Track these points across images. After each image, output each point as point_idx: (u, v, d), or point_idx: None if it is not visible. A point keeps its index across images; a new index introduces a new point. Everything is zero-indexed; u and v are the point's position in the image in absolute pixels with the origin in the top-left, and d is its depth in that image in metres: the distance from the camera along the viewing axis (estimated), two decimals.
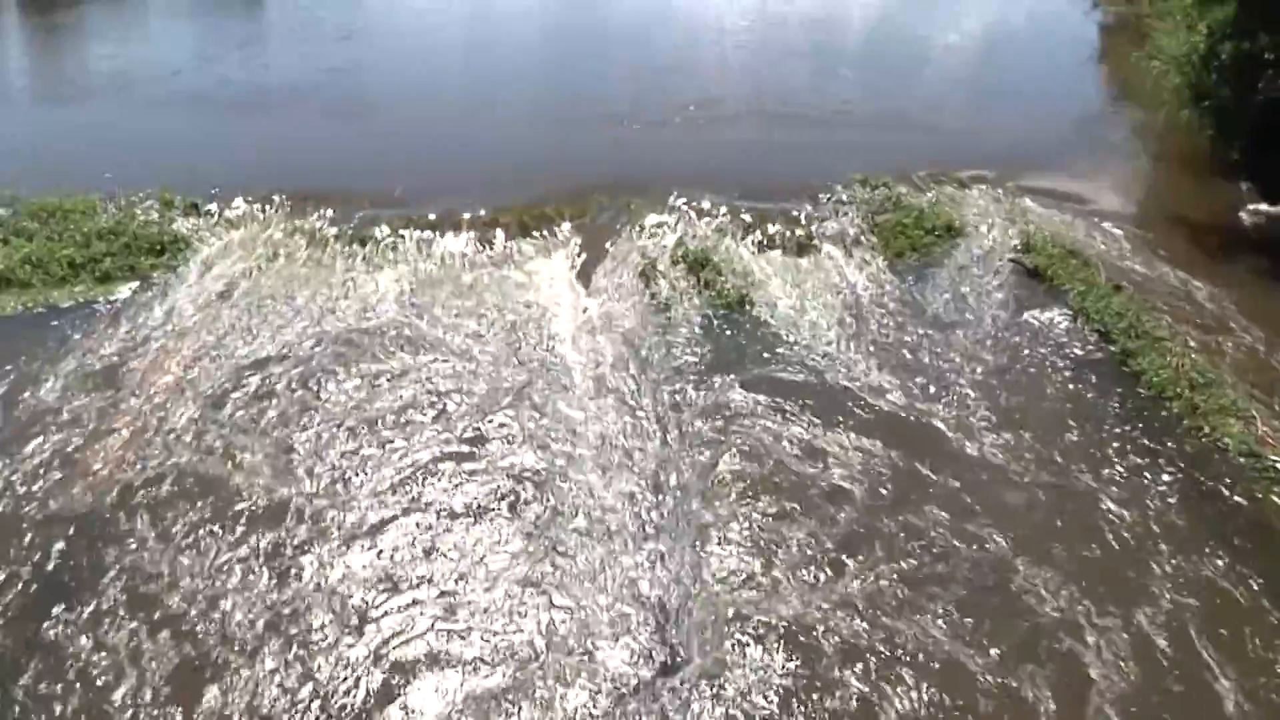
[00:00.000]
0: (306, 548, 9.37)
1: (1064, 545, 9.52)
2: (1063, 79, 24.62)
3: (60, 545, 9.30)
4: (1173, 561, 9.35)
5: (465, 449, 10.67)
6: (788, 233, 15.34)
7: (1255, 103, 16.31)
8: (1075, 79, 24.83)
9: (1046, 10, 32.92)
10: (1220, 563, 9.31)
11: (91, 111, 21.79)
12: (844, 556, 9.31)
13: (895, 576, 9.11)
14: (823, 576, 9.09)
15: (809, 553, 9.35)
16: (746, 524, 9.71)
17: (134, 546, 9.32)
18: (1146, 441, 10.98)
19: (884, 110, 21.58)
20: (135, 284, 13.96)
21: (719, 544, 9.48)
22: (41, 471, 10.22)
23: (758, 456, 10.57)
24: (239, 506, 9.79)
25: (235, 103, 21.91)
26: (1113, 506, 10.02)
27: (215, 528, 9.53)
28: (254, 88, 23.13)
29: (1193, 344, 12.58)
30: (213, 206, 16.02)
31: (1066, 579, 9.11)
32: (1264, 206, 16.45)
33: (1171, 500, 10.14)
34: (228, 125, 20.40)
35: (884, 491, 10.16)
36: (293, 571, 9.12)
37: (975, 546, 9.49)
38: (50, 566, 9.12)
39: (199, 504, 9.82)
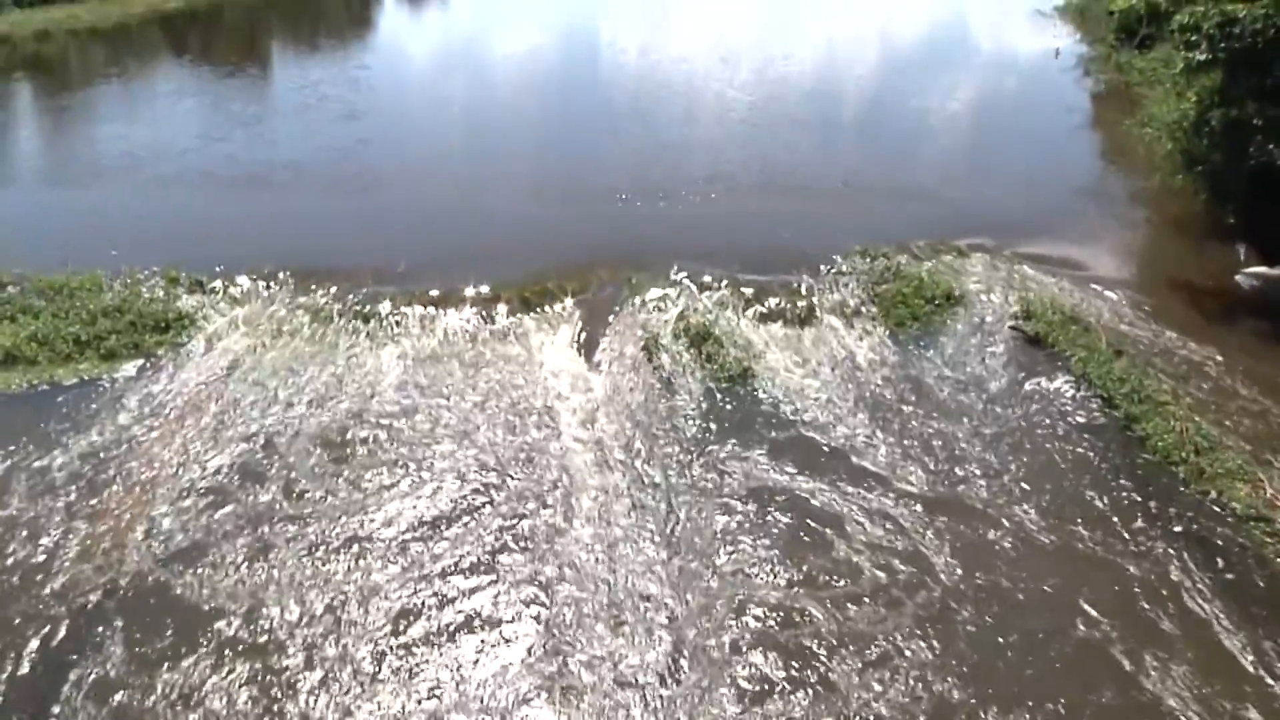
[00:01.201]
0: (288, 676, 9.06)
1: (1085, 620, 9.46)
2: (1057, 146, 24.95)
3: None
4: (1183, 624, 9.31)
5: (468, 554, 10.43)
6: (789, 305, 15.45)
7: (1246, 167, 16.48)
8: (1069, 146, 25.15)
9: (1039, 79, 33.53)
10: (1239, 634, 9.23)
11: (99, 191, 22.21)
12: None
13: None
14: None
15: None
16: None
17: (101, 663, 9.14)
18: (1155, 507, 10.94)
19: (882, 181, 21.81)
20: (140, 361, 14.12)
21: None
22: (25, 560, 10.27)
23: (766, 532, 10.52)
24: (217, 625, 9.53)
25: (241, 181, 22.31)
26: (1131, 571, 10.00)
27: (185, 648, 9.26)
28: (260, 166, 23.54)
29: (1196, 408, 12.57)
30: (217, 283, 16.25)
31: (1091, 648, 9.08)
32: (1260, 269, 16.53)
33: (1184, 566, 10.07)
34: (233, 203, 20.76)
35: (900, 569, 10.12)
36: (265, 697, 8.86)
37: (996, 622, 9.43)
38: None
39: (170, 620, 9.57)
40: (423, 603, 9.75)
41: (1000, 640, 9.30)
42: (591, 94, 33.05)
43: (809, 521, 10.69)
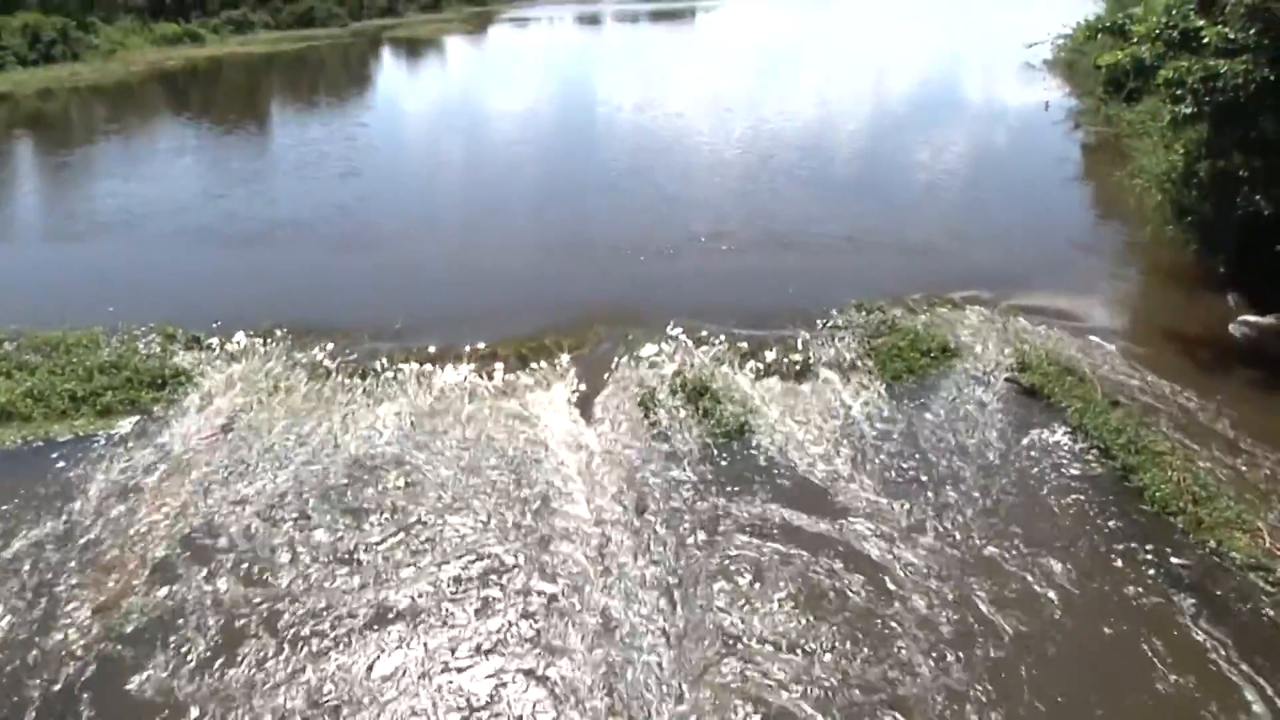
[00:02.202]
0: None
1: (1096, 678, 9.38)
2: (1049, 198, 25.24)
3: None
4: (1191, 678, 9.23)
5: (467, 635, 10.25)
6: (785, 359, 15.49)
7: (1235, 217, 16.65)
8: (1061, 198, 25.44)
9: (1029, 131, 34.03)
10: (1246, 685, 9.16)
11: (98, 247, 22.47)
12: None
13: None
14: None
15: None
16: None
17: None
18: (1155, 558, 10.88)
19: (876, 234, 22.04)
20: (136, 417, 14.14)
21: None
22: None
23: (771, 599, 10.47)
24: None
25: (240, 238, 22.56)
26: (1131, 628, 9.89)
27: None
28: (259, 223, 23.81)
29: (1193, 457, 12.57)
30: (214, 340, 16.36)
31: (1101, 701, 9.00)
32: (1253, 318, 16.63)
33: (1187, 616, 10.01)
34: (231, 259, 20.97)
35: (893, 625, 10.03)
36: None
37: (1000, 674, 9.35)
38: None
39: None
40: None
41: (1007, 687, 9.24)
42: (588, 150, 33.51)
43: (814, 586, 10.56)
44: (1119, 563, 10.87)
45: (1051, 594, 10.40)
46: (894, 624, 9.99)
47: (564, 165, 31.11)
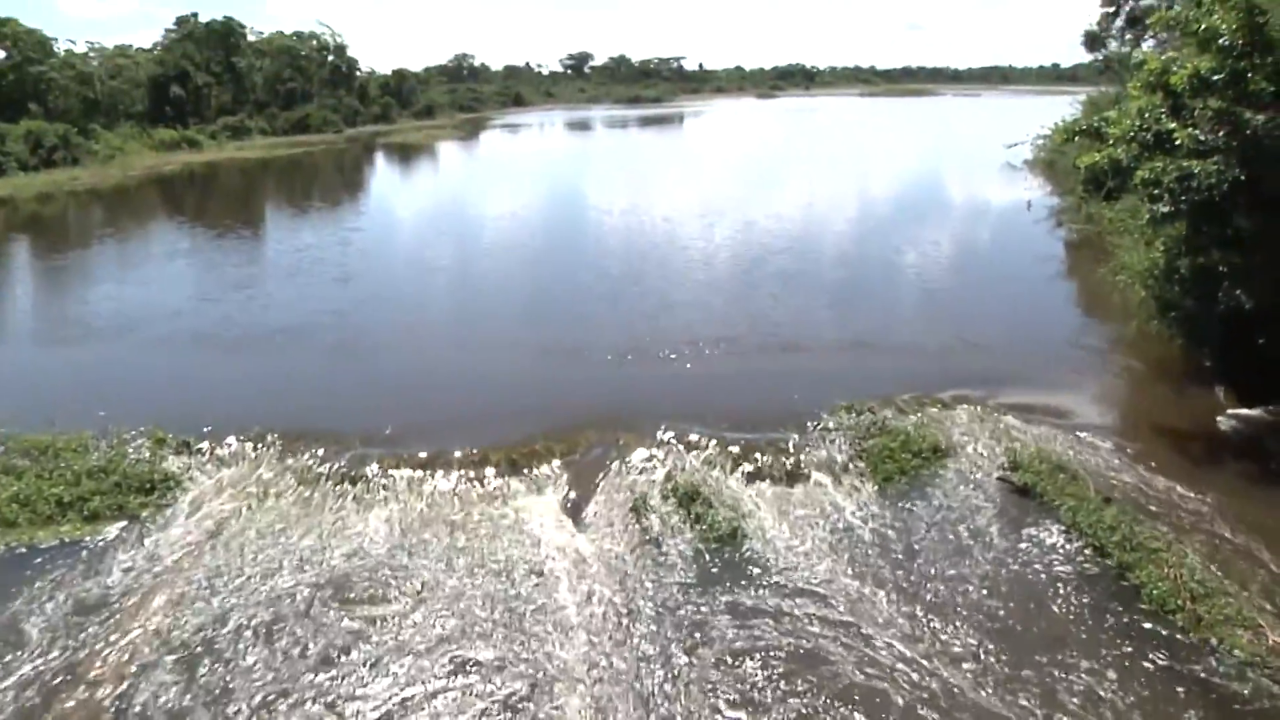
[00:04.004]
0: None
1: None
2: (1035, 295, 25.60)
3: None
4: None
5: None
6: (776, 462, 15.41)
7: (1218, 312, 16.86)
8: (1047, 295, 25.80)
9: (1013, 230, 34.65)
10: None
11: (90, 350, 22.50)
12: None
13: None
14: None
15: None
16: None
17: None
18: (1157, 660, 10.72)
19: (864, 336, 22.26)
20: (123, 523, 13.99)
21: None
22: None
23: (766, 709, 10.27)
24: None
25: (233, 342, 22.66)
26: None
27: None
28: (252, 327, 23.93)
29: (1188, 554, 12.49)
30: (204, 445, 16.23)
31: None
32: (1242, 410, 16.76)
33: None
34: (224, 364, 21.02)
35: None
36: None
37: None
38: None
39: None
40: None
41: None
42: (578, 254, 33.91)
43: (809, 702, 10.37)
44: (1119, 664, 10.71)
45: (1054, 697, 10.22)
46: None
47: (553, 269, 31.45)
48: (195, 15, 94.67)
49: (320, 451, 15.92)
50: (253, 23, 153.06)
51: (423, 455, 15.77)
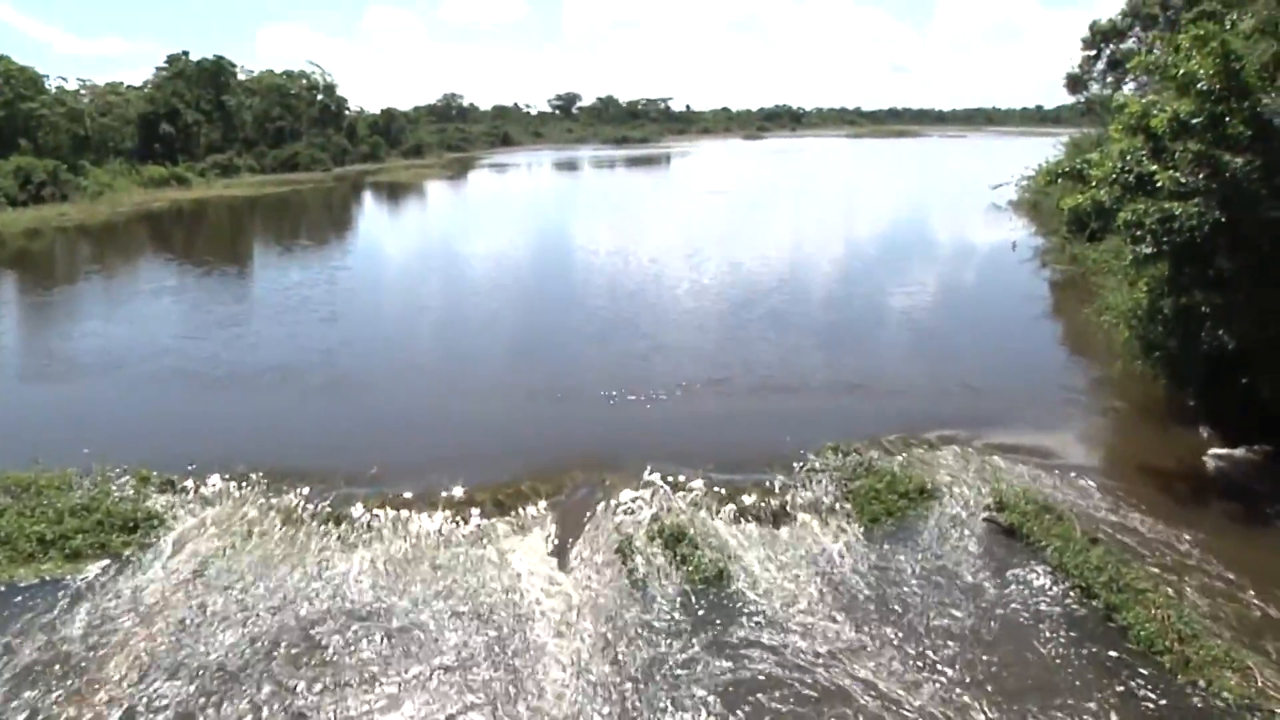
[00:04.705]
0: None
1: None
2: (1021, 335, 25.73)
3: None
4: None
5: None
6: (763, 503, 15.36)
7: (1201, 352, 16.97)
8: (1032, 335, 25.94)
9: (999, 270, 34.87)
10: None
11: (75, 388, 22.37)
12: None
13: None
14: None
15: None
16: None
17: None
18: (1145, 704, 10.66)
19: (850, 376, 22.27)
20: (105, 562, 13.86)
21: None
22: None
23: None
24: None
25: (217, 381, 22.56)
26: None
27: None
28: (238, 366, 23.85)
29: (1175, 594, 12.49)
30: (189, 483, 16.13)
31: None
32: (1226, 450, 16.82)
33: None
34: (210, 402, 20.91)
35: None
36: None
37: None
38: None
39: None
40: None
41: None
42: (564, 294, 33.93)
43: None
44: (1107, 707, 10.64)
45: None
46: None
47: (540, 310, 31.49)
48: (186, 54, 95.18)
49: (305, 490, 15.82)
50: (243, 61, 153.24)
51: (408, 495, 15.68)
